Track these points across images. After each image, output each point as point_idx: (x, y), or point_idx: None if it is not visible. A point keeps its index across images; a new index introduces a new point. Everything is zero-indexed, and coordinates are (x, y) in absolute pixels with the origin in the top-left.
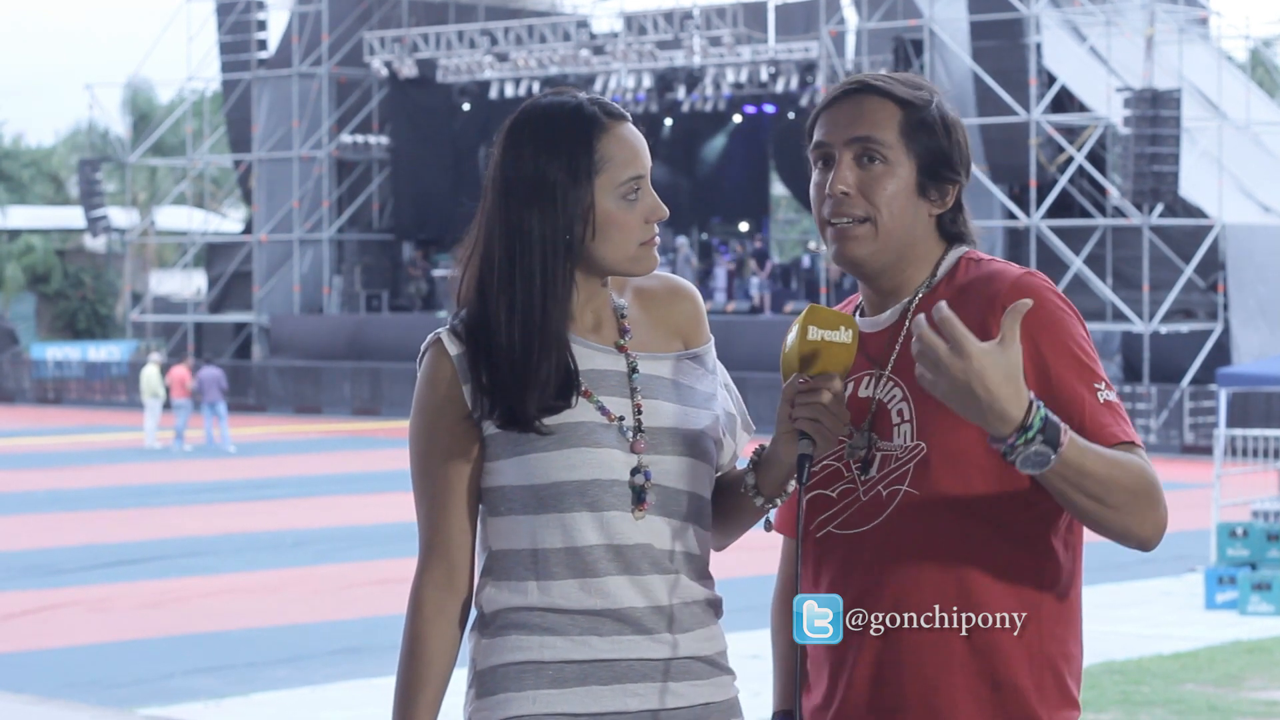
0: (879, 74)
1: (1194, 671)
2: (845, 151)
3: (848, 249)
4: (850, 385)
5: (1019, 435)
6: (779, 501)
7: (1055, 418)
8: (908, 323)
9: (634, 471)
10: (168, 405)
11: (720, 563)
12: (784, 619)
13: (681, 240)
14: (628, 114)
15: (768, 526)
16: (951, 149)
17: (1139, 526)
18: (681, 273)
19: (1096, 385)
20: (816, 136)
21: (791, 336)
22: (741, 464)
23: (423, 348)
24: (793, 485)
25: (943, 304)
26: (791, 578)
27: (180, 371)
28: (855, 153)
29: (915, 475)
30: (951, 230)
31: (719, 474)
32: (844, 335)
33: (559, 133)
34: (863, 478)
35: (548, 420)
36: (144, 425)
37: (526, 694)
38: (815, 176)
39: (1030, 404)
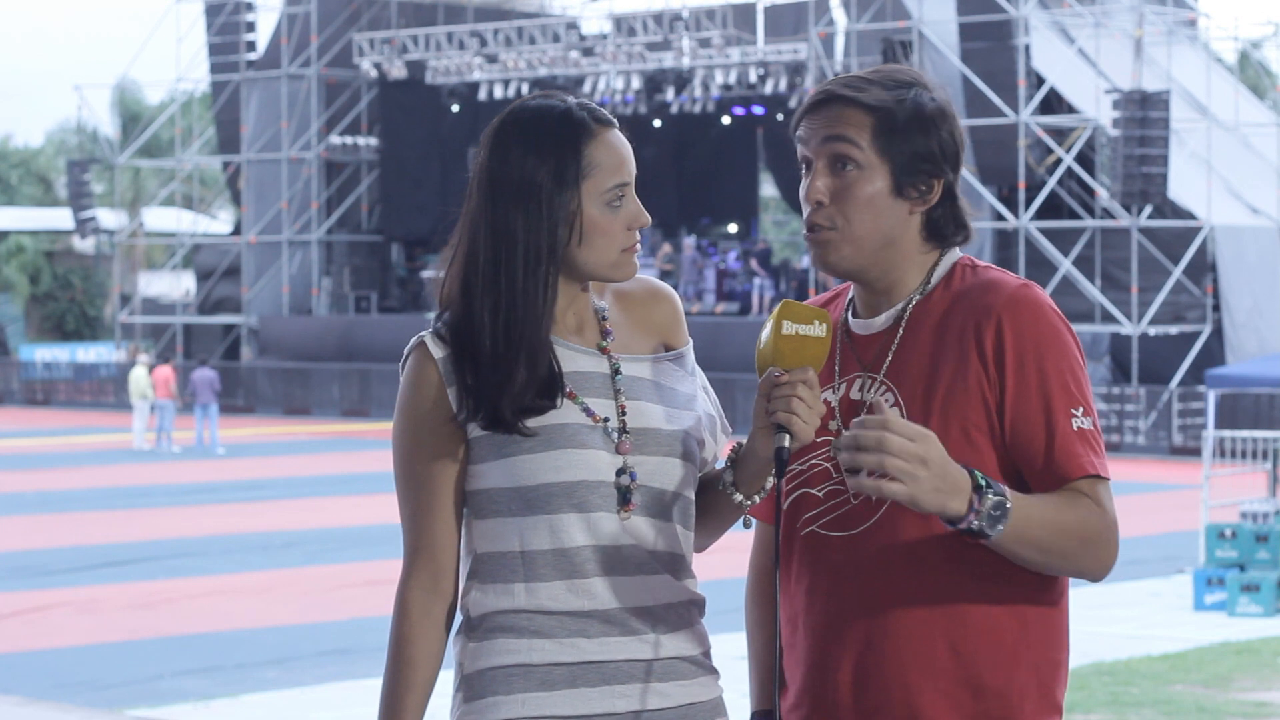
0: (853, 76)
1: (1182, 673)
2: (820, 159)
3: (823, 255)
4: (842, 387)
5: (964, 515)
6: (757, 499)
7: (1000, 491)
8: (901, 329)
9: (619, 472)
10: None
11: (705, 563)
12: (760, 613)
13: (688, 240)
14: (615, 120)
15: (747, 524)
16: (930, 144)
17: (1087, 569)
18: (686, 274)
19: (1074, 411)
20: (798, 142)
21: (766, 331)
22: (719, 464)
23: (406, 351)
24: (770, 481)
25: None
26: (764, 569)
27: (164, 372)
28: (829, 160)
29: None
30: (943, 229)
31: (700, 474)
32: (818, 329)
33: (547, 136)
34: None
35: (533, 422)
36: (132, 426)
37: (515, 697)
38: (803, 182)
39: (970, 488)
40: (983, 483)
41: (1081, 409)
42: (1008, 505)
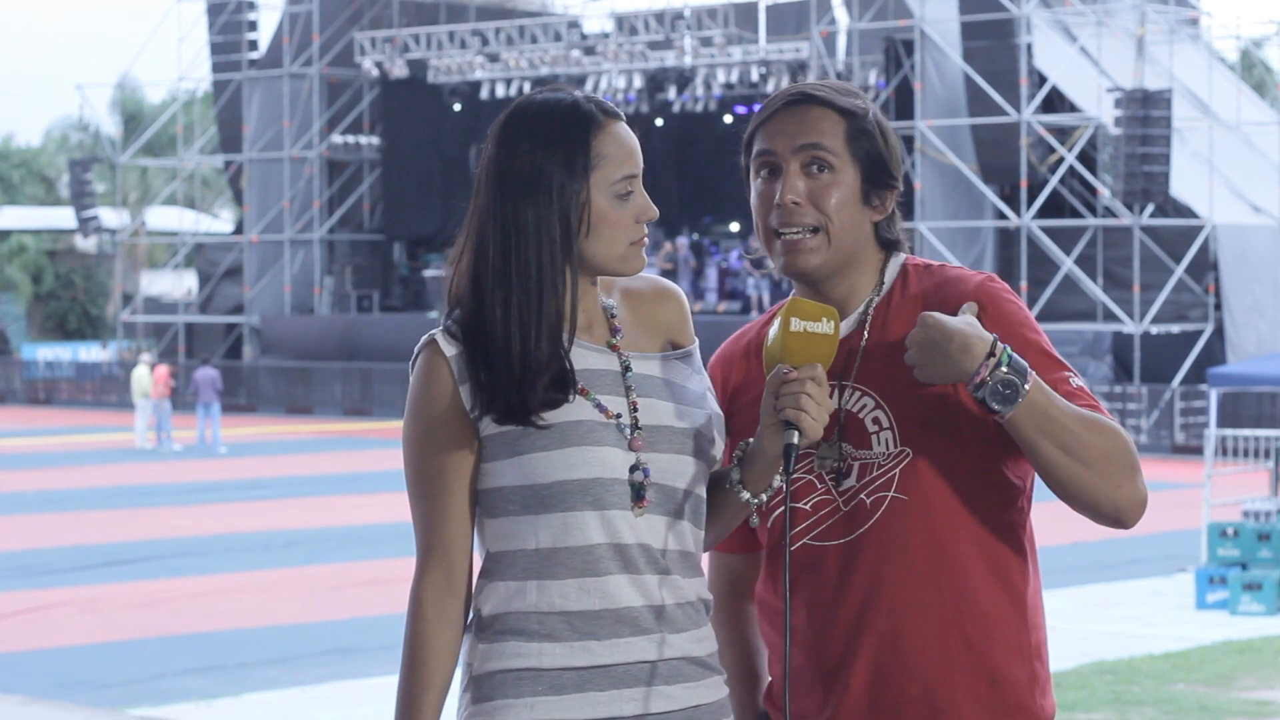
0: (817, 84)
1: (1185, 671)
2: (793, 161)
3: (799, 260)
4: None
5: (988, 362)
6: (764, 496)
7: (1022, 359)
8: (865, 333)
9: (633, 469)
10: None
11: (708, 562)
12: (729, 632)
13: (682, 240)
14: (621, 113)
15: (756, 522)
16: (889, 155)
17: (1114, 490)
18: (681, 272)
19: (1066, 374)
20: (759, 146)
21: (774, 329)
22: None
23: (416, 350)
24: (778, 479)
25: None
26: (724, 593)
27: (160, 371)
28: (803, 162)
29: (902, 480)
30: (887, 236)
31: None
32: (826, 326)
33: (556, 128)
34: (840, 488)
35: (548, 416)
36: (135, 425)
37: (524, 700)
38: (759, 186)
39: (993, 340)
40: (1006, 349)
41: (1071, 373)
42: (1027, 367)
